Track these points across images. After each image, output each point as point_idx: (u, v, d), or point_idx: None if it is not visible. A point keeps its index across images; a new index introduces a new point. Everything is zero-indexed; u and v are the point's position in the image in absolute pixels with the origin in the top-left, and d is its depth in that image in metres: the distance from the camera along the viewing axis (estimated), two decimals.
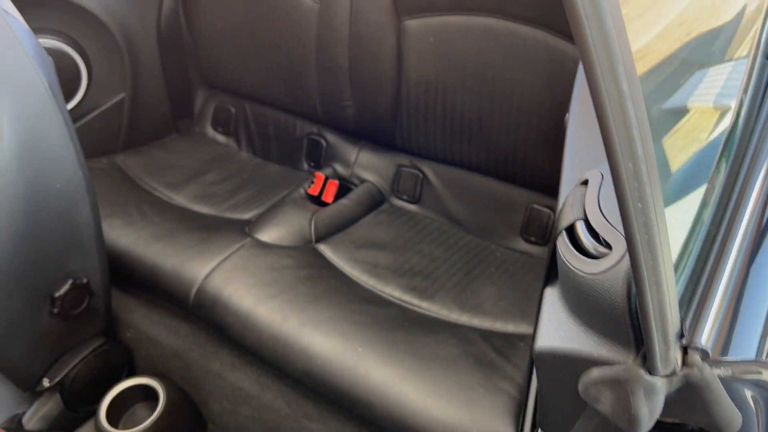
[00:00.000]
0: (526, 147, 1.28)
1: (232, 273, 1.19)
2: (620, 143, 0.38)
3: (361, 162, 1.56)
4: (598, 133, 0.58)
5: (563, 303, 0.52)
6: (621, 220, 0.40)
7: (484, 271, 1.29)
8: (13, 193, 0.93)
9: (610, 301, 0.45)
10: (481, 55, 1.24)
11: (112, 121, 1.60)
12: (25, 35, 0.98)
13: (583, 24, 0.35)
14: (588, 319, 0.49)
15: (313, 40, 1.44)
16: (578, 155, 0.65)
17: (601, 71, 0.36)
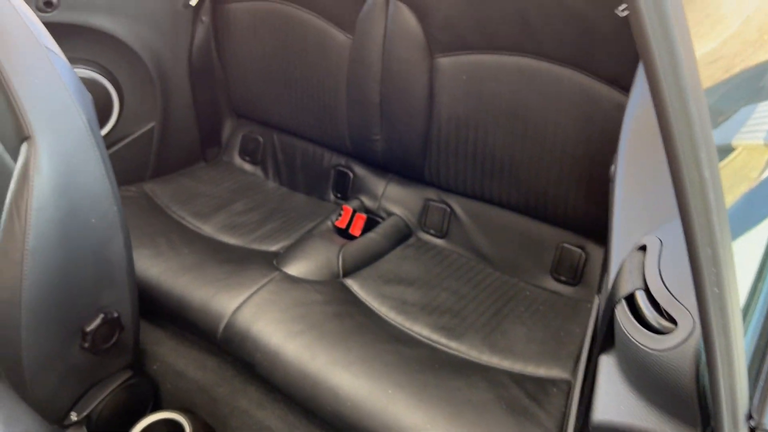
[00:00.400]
0: (558, 186, 1.27)
1: (261, 308, 1.19)
2: (700, 231, 0.37)
3: (389, 195, 1.56)
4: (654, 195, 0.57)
5: (622, 374, 0.51)
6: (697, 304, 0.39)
7: (513, 311, 1.27)
8: (49, 230, 0.94)
9: (677, 379, 0.44)
10: (514, 95, 1.24)
11: (142, 149, 1.61)
12: (66, 72, 0.99)
13: (673, 132, 0.34)
14: (650, 394, 0.48)
15: (345, 74, 1.45)
16: (631, 215, 0.63)
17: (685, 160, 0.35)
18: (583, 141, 1.20)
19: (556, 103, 1.20)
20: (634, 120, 0.74)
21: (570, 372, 1.11)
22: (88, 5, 1.37)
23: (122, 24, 1.44)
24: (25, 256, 0.92)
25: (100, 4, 1.39)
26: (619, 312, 0.51)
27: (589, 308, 1.28)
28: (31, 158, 0.92)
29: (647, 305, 0.49)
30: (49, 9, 1.33)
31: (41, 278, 0.94)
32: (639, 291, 0.50)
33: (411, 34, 1.31)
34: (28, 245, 0.92)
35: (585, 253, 1.32)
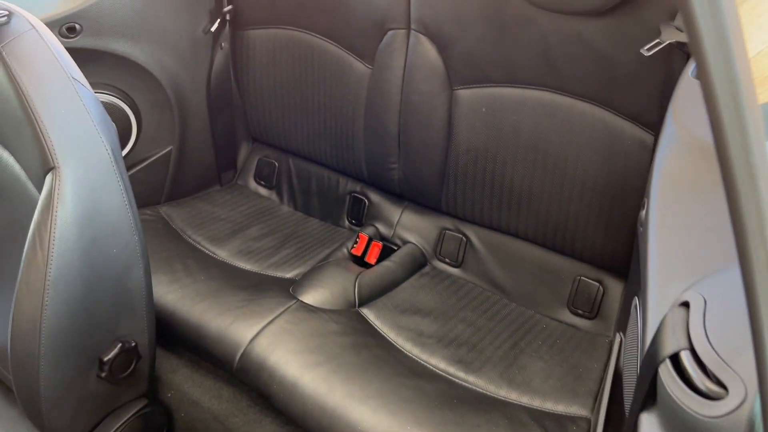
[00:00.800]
0: (578, 220, 1.27)
1: (278, 337, 1.18)
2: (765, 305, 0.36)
3: (404, 223, 1.56)
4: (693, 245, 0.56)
5: None
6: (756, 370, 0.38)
7: (530, 344, 1.26)
8: (71, 260, 0.93)
9: None
10: (535, 128, 1.24)
11: (159, 172, 1.61)
12: (92, 102, 1.00)
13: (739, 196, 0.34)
14: None
15: (363, 103, 1.45)
16: (667, 265, 0.63)
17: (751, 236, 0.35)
18: (603, 176, 1.20)
19: (577, 137, 1.20)
20: (665, 165, 0.74)
21: (589, 409, 1.10)
22: (110, 32, 1.38)
23: (143, 50, 1.45)
24: (47, 286, 0.92)
25: (122, 30, 1.40)
26: (663, 372, 0.50)
27: (606, 343, 1.27)
28: (56, 189, 0.92)
29: (694, 367, 0.48)
30: (72, 35, 1.33)
31: (62, 308, 0.94)
32: (684, 351, 0.49)
33: (431, 66, 1.31)
34: (50, 276, 0.92)
35: (603, 287, 1.31)
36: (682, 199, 0.70)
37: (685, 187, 0.71)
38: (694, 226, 0.66)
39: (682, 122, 0.78)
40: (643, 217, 0.75)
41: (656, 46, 1.00)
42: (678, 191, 0.72)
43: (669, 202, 0.71)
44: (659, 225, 0.69)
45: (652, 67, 1.06)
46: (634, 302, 0.85)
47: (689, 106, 0.82)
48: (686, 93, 0.85)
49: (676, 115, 0.80)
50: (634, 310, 0.83)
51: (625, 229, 1.22)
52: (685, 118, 0.79)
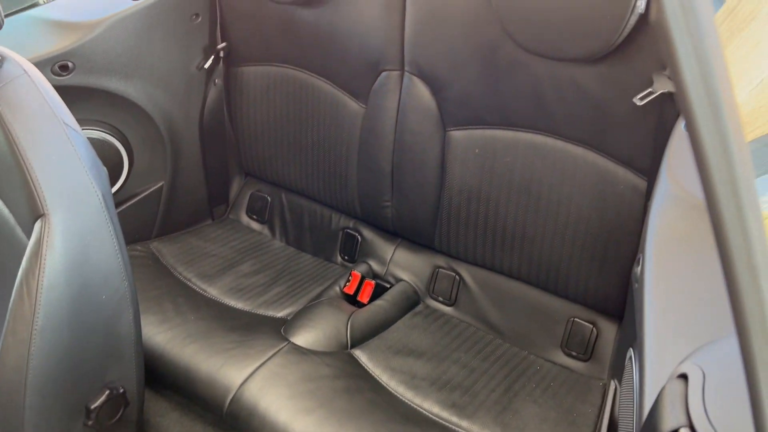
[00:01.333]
0: (570, 262, 1.27)
1: (269, 382, 1.16)
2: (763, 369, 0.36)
3: (397, 260, 1.55)
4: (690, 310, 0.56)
5: None
6: None
7: (524, 387, 1.25)
8: (59, 309, 0.92)
9: None
10: (527, 170, 1.25)
11: (150, 208, 1.60)
12: (83, 147, 0.99)
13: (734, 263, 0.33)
14: None
15: (357, 142, 1.45)
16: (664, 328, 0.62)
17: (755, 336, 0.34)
18: (596, 219, 1.20)
19: (570, 180, 1.21)
20: (660, 222, 0.74)
21: None
22: (103, 69, 1.38)
23: (136, 86, 1.44)
24: (33, 336, 0.90)
25: (115, 67, 1.39)
26: None
27: (600, 386, 1.26)
28: (45, 236, 0.91)
29: None
30: (64, 73, 1.33)
31: (48, 358, 0.92)
32: (683, 429, 0.49)
33: (424, 107, 1.31)
34: (37, 325, 0.90)
35: (596, 329, 1.31)
36: (677, 258, 0.70)
37: (680, 246, 0.71)
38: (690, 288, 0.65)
39: (676, 177, 0.78)
40: (638, 273, 0.75)
41: (648, 95, 1.00)
42: (673, 250, 0.72)
43: (664, 260, 0.71)
44: (655, 284, 0.68)
45: (644, 114, 1.07)
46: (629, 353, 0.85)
47: (683, 160, 0.82)
48: (680, 146, 0.86)
49: (670, 168, 0.81)
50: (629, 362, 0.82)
51: (619, 273, 1.22)
52: (679, 172, 0.79)
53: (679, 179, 0.78)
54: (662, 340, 0.63)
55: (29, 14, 1.39)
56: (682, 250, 0.70)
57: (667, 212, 0.75)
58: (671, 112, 1.02)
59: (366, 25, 1.32)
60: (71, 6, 1.42)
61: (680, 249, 0.71)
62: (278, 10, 1.44)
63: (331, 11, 1.36)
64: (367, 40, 1.33)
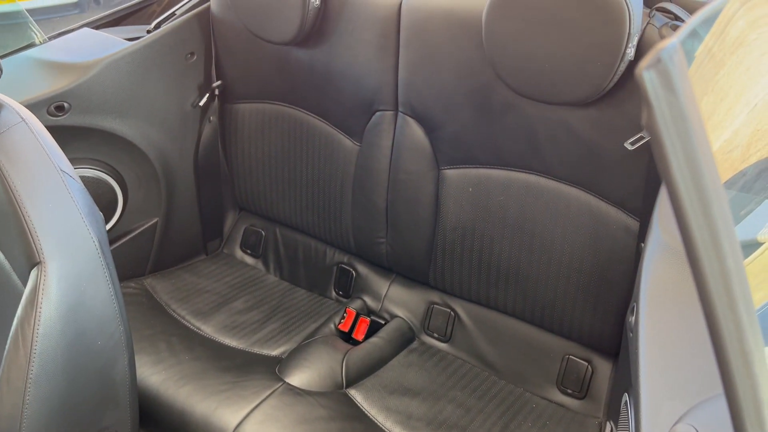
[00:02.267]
0: (565, 299, 1.28)
1: (264, 425, 1.16)
2: None
3: (392, 296, 1.55)
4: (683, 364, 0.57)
5: None
6: None
7: (520, 426, 1.25)
8: (54, 357, 0.91)
9: None
10: (521, 209, 1.26)
11: (144, 244, 1.60)
12: (80, 194, 0.99)
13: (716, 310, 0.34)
14: None
15: (351, 179, 1.46)
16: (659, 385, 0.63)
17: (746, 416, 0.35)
18: (590, 258, 1.21)
19: (563, 219, 1.22)
20: (653, 272, 0.75)
21: None
22: (98, 109, 1.39)
23: (131, 125, 1.45)
24: (28, 384, 0.90)
25: (110, 107, 1.40)
26: None
27: (596, 425, 1.26)
28: (41, 284, 0.91)
29: None
30: (60, 113, 1.34)
31: (43, 406, 0.91)
32: None
33: (418, 147, 1.33)
34: (32, 374, 0.90)
35: (591, 367, 1.31)
36: (670, 309, 0.71)
37: (672, 296, 0.72)
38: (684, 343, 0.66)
39: (667, 228, 0.80)
40: (632, 323, 0.76)
41: (639, 140, 1.02)
42: (666, 301, 0.72)
43: (657, 311, 0.72)
44: (649, 337, 0.69)
45: (635, 156, 1.08)
46: (624, 398, 0.85)
47: None
48: None
49: (662, 219, 0.82)
50: (625, 407, 0.83)
51: (613, 311, 1.23)
52: (671, 223, 0.80)
53: (671, 230, 0.79)
54: (657, 395, 0.64)
55: (26, 55, 1.40)
56: (674, 302, 0.71)
57: (659, 262, 0.76)
58: None
59: (360, 65, 1.34)
60: (67, 47, 1.44)
61: (673, 300, 0.72)
62: (273, 49, 1.45)
63: (326, 52, 1.38)
64: (361, 80, 1.35)
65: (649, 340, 0.69)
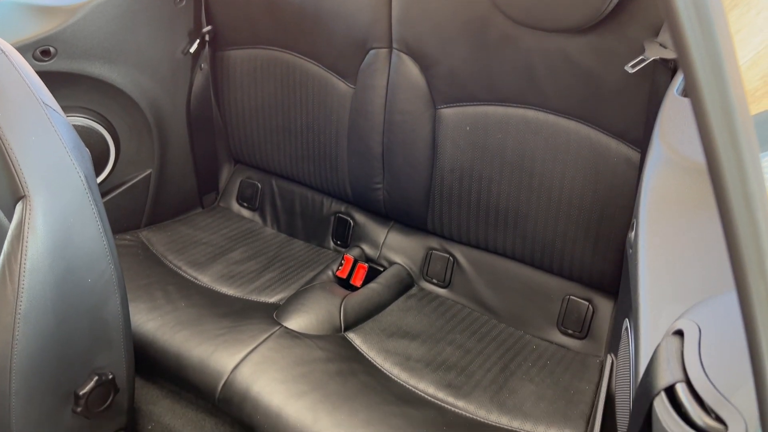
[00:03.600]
0: (565, 238, 1.25)
1: (261, 366, 1.14)
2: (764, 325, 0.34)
3: (390, 243, 1.53)
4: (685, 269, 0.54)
5: None
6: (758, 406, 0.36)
7: (520, 366, 1.24)
8: (43, 293, 0.90)
9: None
10: (520, 147, 1.23)
11: (138, 196, 1.58)
12: (64, 128, 0.97)
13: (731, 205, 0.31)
14: None
15: (346, 124, 1.43)
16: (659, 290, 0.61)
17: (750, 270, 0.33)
18: (590, 194, 1.19)
19: (562, 155, 1.19)
20: (653, 186, 0.72)
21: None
22: (86, 54, 1.35)
23: (120, 72, 1.42)
24: (17, 321, 0.88)
25: (98, 52, 1.37)
26: (658, 406, 0.48)
27: (597, 363, 1.25)
28: (26, 218, 0.89)
29: (691, 401, 0.45)
30: (46, 58, 1.30)
31: (33, 343, 0.90)
32: (680, 384, 0.47)
33: (414, 85, 1.29)
34: (21, 309, 0.88)
35: (592, 306, 1.29)
36: (671, 220, 0.68)
37: (674, 208, 0.69)
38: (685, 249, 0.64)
39: (669, 141, 0.77)
40: (632, 238, 0.73)
41: (640, 63, 0.99)
42: (667, 212, 0.70)
43: (658, 223, 0.69)
44: (649, 247, 0.67)
45: (636, 83, 1.05)
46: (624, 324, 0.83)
47: (676, 124, 0.80)
48: (672, 111, 0.84)
49: (663, 134, 0.79)
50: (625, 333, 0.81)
51: (614, 248, 1.20)
52: (672, 137, 0.77)
53: (672, 143, 0.76)
54: (657, 302, 0.61)
55: None
56: (675, 212, 0.69)
57: (660, 176, 0.74)
58: (663, 81, 1.00)
59: (352, 2, 1.29)
60: None
61: (674, 211, 0.69)
62: None
63: None
64: (353, 18, 1.31)
65: (649, 251, 0.67)
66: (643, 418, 0.51)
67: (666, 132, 0.79)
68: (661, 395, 0.48)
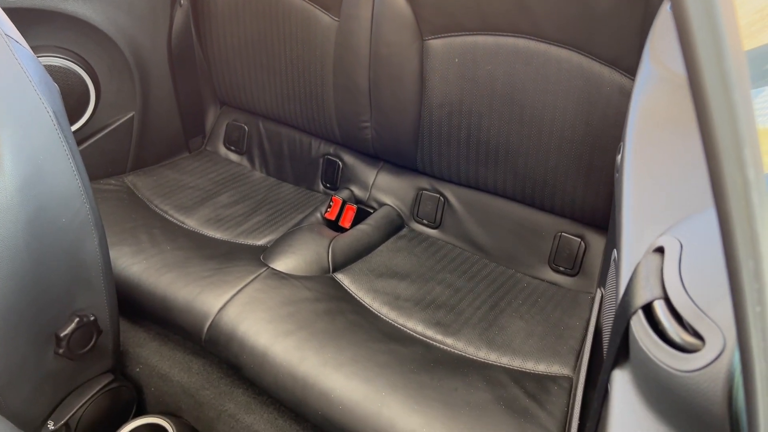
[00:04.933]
0: (557, 173, 1.22)
1: (247, 307, 1.13)
2: (741, 239, 0.31)
3: (380, 184, 1.50)
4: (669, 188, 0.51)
5: (640, 395, 0.45)
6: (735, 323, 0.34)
7: (510, 304, 1.22)
8: (15, 231, 0.87)
9: (705, 404, 0.39)
10: (510, 78, 1.18)
11: (122, 140, 1.54)
12: (29, 62, 0.92)
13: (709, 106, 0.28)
14: (673, 418, 0.42)
15: (331, 59, 1.38)
16: (642, 210, 0.58)
17: (725, 157, 0.30)
18: (582, 126, 1.14)
19: (554, 85, 1.14)
20: (642, 105, 0.68)
21: (571, 368, 1.07)
22: None
23: (95, 9, 1.36)
24: None
25: None
26: (635, 324, 0.45)
27: (588, 300, 1.23)
28: None
29: (668, 318, 0.43)
30: None
31: (8, 284, 0.88)
32: (658, 301, 0.44)
33: (400, 16, 1.24)
34: None
35: (584, 243, 1.27)
36: (659, 139, 0.65)
37: (662, 126, 0.65)
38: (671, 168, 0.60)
39: (659, 58, 0.72)
40: (619, 162, 0.70)
41: None
42: (655, 132, 0.66)
43: (646, 143, 0.65)
44: (634, 168, 0.63)
45: (630, 5, 0.99)
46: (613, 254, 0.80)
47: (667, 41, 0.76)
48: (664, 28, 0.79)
49: (654, 51, 0.74)
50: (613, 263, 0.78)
51: (606, 182, 1.17)
52: (663, 53, 0.73)
53: (663, 60, 0.72)
54: (640, 223, 0.58)
55: None
56: (664, 131, 0.65)
57: (649, 95, 0.70)
58: (657, 3, 0.95)
59: None
60: None
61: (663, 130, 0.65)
62: None
63: None
64: None
65: (634, 172, 0.63)
66: (620, 338, 0.49)
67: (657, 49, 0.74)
68: (638, 313, 0.46)
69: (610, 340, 0.51)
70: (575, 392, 0.98)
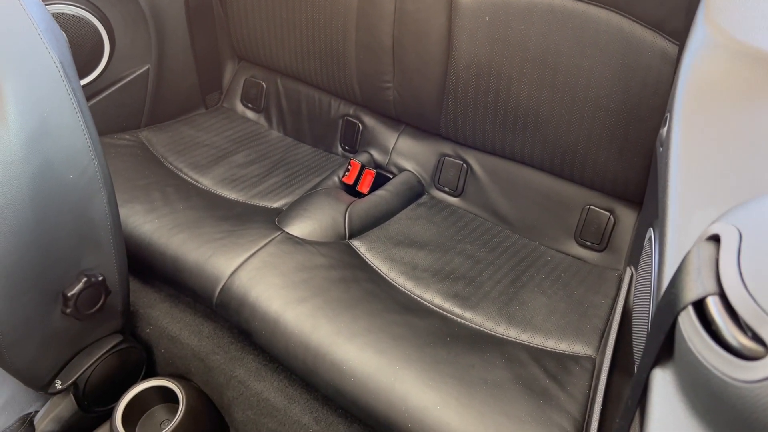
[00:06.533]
0: (589, 143, 1.15)
1: (260, 271, 1.09)
2: None
3: (400, 149, 1.44)
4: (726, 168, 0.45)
5: (684, 400, 0.41)
6: None
7: (533, 278, 1.17)
8: (20, 187, 0.84)
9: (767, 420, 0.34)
10: (544, 39, 1.11)
11: (136, 94, 1.49)
12: (36, 9, 0.88)
13: None
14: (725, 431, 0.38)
15: (354, 14, 1.31)
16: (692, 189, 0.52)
17: None
18: (619, 93, 1.07)
19: (591, 49, 1.07)
20: (694, 73, 0.62)
21: (594, 348, 1.02)
22: None
23: None
24: None
25: None
26: (683, 321, 0.40)
27: (615, 277, 1.18)
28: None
29: (724, 317, 0.38)
30: None
31: (12, 240, 0.85)
32: (712, 297, 0.39)
33: None
34: None
35: (614, 217, 1.21)
36: (715, 113, 0.58)
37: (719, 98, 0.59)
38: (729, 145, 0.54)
39: (716, 22, 0.65)
40: (664, 135, 0.64)
41: None
42: (709, 103, 0.60)
43: (697, 115, 0.59)
44: (683, 142, 0.57)
45: None
46: (648, 233, 0.75)
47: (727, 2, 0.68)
48: None
49: (710, 13, 0.67)
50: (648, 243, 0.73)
51: (642, 153, 1.10)
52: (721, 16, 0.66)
53: (720, 24, 0.65)
54: (689, 205, 0.53)
55: None
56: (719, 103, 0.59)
57: (702, 62, 0.63)
58: None
59: None
60: None
61: (717, 102, 0.59)
62: None
63: None
64: None
65: (683, 147, 0.57)
66: (665, 336, 0.44)
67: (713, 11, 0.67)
68: (688, 310, 0.40)
69: (650, 335, 0.46)
70: (598, 374, 0.93)
